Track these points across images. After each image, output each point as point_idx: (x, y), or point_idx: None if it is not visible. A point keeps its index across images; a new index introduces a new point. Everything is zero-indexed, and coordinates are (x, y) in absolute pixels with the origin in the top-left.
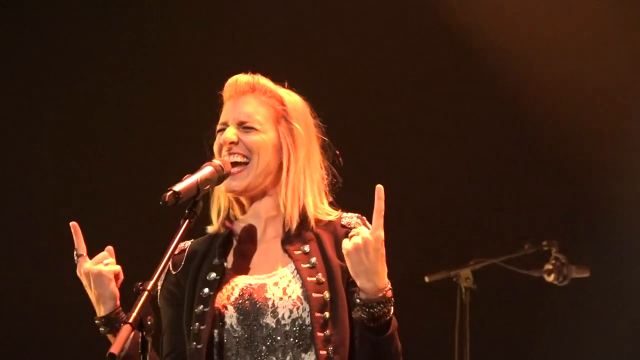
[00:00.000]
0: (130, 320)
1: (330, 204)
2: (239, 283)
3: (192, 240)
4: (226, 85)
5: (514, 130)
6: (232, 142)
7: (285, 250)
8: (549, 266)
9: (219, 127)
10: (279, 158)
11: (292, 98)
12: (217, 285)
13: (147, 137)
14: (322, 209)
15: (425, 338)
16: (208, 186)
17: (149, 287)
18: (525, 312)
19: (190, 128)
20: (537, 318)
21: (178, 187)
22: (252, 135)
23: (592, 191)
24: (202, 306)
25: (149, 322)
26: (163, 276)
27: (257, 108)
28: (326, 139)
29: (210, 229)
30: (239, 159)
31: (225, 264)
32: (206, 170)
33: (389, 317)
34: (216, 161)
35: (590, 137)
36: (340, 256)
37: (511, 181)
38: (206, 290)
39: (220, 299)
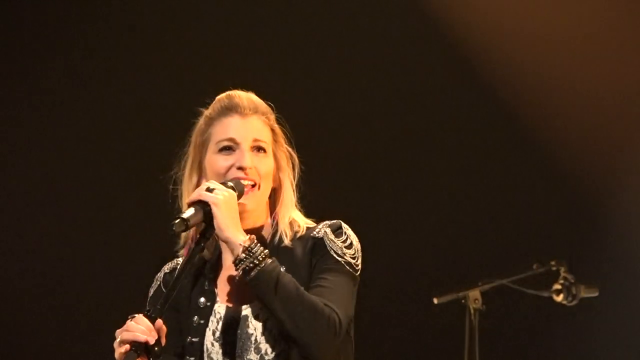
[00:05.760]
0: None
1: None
2: (225, 314)
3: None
4: (226, 99)
5: (522, 149)
6: (250, 168)
7: None
8: (557, 286)
9: (225, 143)
10: (275, 180)
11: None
12: (207, 313)
13: (143, 144)
14: (303, 221)
15: None
16: None
17: (157, 314)
18: (535, 333)
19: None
20: (547, 338)
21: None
22: (263, 159)
23: (600, 210)
24: (192, 337)
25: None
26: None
27: (263, 130)
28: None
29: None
30: (248, 182)
31: (215, 289)
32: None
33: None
34: (229, 182)
35: (599, 155)
36: (307, 271)
37: (519, 201)
38: (196, 318)
39: (209, 331)
